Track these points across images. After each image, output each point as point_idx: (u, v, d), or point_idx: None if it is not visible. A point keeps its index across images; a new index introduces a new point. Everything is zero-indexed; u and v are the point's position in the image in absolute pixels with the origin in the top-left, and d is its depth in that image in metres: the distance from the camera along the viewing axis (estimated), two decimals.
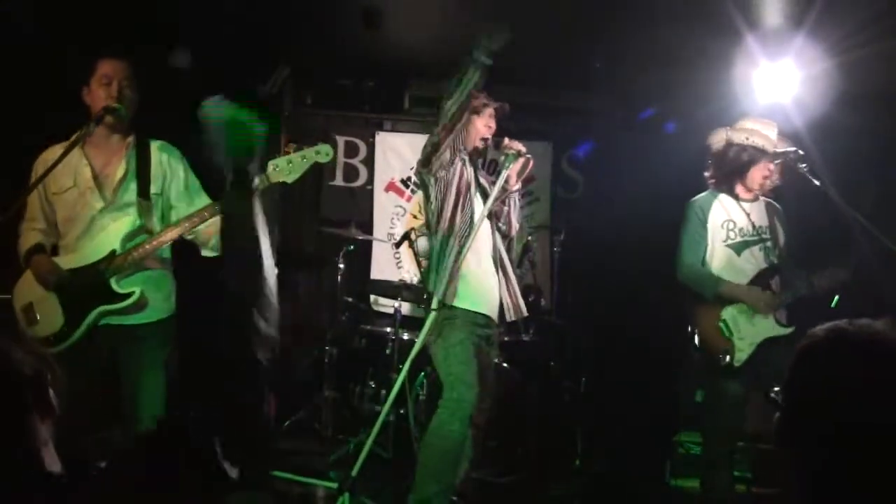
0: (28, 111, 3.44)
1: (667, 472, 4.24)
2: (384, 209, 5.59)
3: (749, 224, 3.28)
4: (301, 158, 2.74)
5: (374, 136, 5.62)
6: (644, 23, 4.00)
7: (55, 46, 3.46)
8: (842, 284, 3.18)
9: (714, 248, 3.26)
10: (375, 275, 5.44)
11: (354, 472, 2.78)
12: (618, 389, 4.73)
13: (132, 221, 2.78)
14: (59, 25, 3.61)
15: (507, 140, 3.24)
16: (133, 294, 2.71)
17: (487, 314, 3.17)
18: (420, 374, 4.16)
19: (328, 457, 4.13)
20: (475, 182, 3.26)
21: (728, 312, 3.15)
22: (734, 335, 3.12)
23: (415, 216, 5.49)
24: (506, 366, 4.19)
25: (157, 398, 2.77)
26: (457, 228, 3.10)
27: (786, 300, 3.19)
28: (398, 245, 4.66)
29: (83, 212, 2.79)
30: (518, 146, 3.20)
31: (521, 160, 3.23)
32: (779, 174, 3.29)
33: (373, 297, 5.24)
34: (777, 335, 3.11)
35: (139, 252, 2.73)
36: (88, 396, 2.54)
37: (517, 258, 3.53)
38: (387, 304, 5.06)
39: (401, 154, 5.59)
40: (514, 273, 3.38)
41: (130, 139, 2.88)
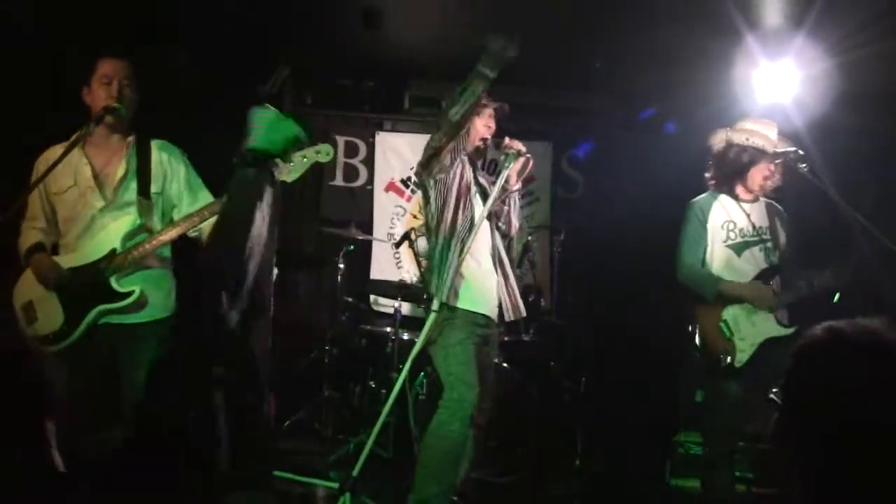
0: (28, 111, 3.44)
1: (667, 472, 4.24)
2: (384, 209, 5.59)
3: (749, 225, 3.28)
4: (301, 158, 2.73)
5: (374, 136, 5.63)
6: (644, 23, 4.00)
7: (55, 46, 3.46)
8: (842, 284, 3.18)
9: (714, 249, 3.26)
10: (375, 275, 5.44)
11: (355, 473, 2.78)
12: (618, 389, 4.73)
13: (132, 220, 2.79)
14: (59, 25, 3.61)
15: (508, 140, 3.25)
16: (133, 293, 2.71)
17: (487, 314, 3.17)
18: (420, 374, 4.16)
19: (328, 457, 4.13)
20: (475, 182, 3.26)
21: (729, 313, 3.15)
22: (735, 336, 3.12)
23: (415, 216, 5.48)
24: (506, 366, 4.18)
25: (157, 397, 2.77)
26: (458, 230, 3.10)
27: (786, 300, 3.18)
28: (398, 245, 4.66)
29: (84, 211, 2.79)
30: (518, 146, 3.20)
31: (521, 160, 3.23)
32: (779, 174, 3.29)
33: (373, 297, 5.24)
34: (778, 336, 3.11)
35: (139, 251, 2.73)
36: (88, 396, 2.55)
37: (517, 258, 3.52)
38: (387, 304, 5.07)
39: (401, 154, 5.59)
40: (514, 273, 3.38)
41: (131, 139, 2.89)
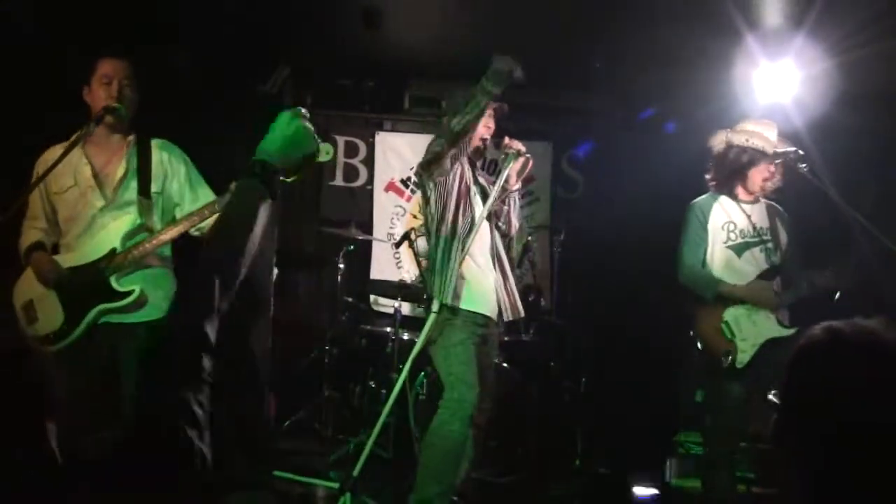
0: (28, 111, 3.44)
1: (667, 472, 4.24)
2: (384, 209, 5.59)
3: (749, 225, 3.28)
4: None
5: (374, 136, 5.62)
6: (644, 23, 4.00)
7: (55, 46, 3.46)
8: (842, 284, 3.17)
9: (714, 250, 3.26)
10: (375, 275, 5.44)
11: (355, 473, 2.78)
12: (618, 389, 4.73)
13: (132, 220, 2.79)
14: (59, 25, 3.61)
15: (507, 139, 3.25)
16: (133, 292, 2.71)
17: (487, 314, 3.17)
18: (420, 374, 4.16)
19: (328, 457, 4.12)
20: (475, 182, 3.26)
21: (730, 313, 3.15)
22: (736, 336, 3.11)
23: (415, 216, 5.48)
24: (506, 366, 4.18)
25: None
26: (458, 231, 3.10)
27: (787, 301, 3.18)
28: (398, 245, 4.65)
29: (84, 210, 2.79)
30: (518, 145, 3.20)
31: (521, 159, 3.24)
32: (780, 175, 3.29)
33: (373, 297, 5.24)
34: (779, 336, 3.11)
35: (139, 250, 2.73)
36: (88, 395, 2.55)
37: (517, 258, 3.52)
38: (387, 304, 5.06)
39: (401, 154, 5.58)
40: (513, 273, 3.38)
41: (131, 138, 2.89)
